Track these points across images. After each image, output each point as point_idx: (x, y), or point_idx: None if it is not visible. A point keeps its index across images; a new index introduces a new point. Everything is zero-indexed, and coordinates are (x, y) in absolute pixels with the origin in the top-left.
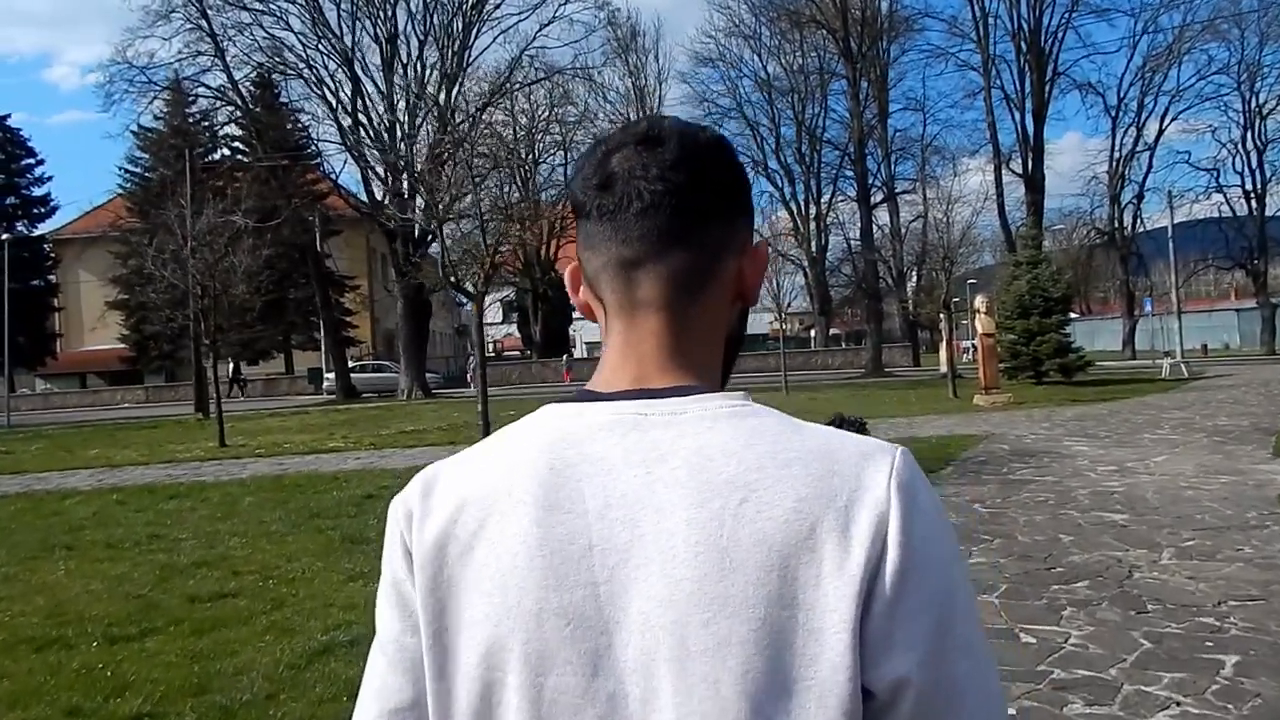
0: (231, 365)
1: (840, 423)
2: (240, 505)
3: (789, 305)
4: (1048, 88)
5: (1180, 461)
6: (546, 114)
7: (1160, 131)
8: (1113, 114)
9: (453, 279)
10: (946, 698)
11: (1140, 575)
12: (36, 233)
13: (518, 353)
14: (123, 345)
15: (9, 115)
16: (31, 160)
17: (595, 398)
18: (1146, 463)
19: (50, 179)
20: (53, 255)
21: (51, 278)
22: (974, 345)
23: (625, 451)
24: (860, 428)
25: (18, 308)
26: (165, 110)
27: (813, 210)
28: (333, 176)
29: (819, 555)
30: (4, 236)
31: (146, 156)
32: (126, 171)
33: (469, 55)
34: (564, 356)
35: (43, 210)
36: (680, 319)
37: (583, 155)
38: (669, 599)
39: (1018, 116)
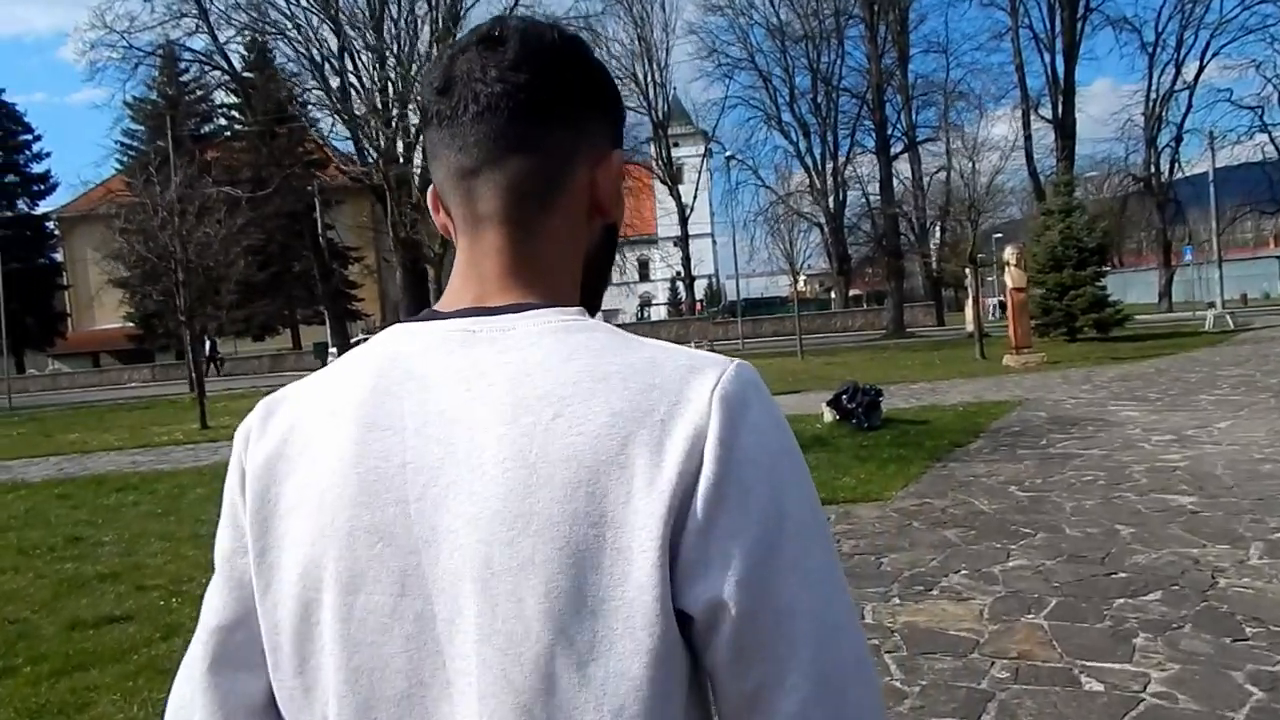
0: (208, 343)
1: (854, 392)
2: (186, 499)
3: (807, 266)
4: (1079, 25)
5: (1249, 427)
6: None
7: (1201, 68)
8: (1150, 51)
9: (403, 235)
10: (773, 622)
11: (1226, 582)
12: (39, 210)
13: None
14: (130, 323)
15: (3, 90)
16: (29, 136)
17: (437, 317)
18: (1209, 430)
19: (49, 154)
20: (57, 233)
21: (56, 256)
22: (1000, 302)
23: (448, 369)
24: (875, 401)
25: (23, 287)
26: (160, 80)
27: (829, 165)
28: (324, 139)
29: (630, 472)
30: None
31: (142, 129)
32: (123, 145)
33: (461, 7)
34: None
35: (43, 187)
36: (523, 233)
37: (432, 61)
38: (476, 517)
39: (1047, 58)
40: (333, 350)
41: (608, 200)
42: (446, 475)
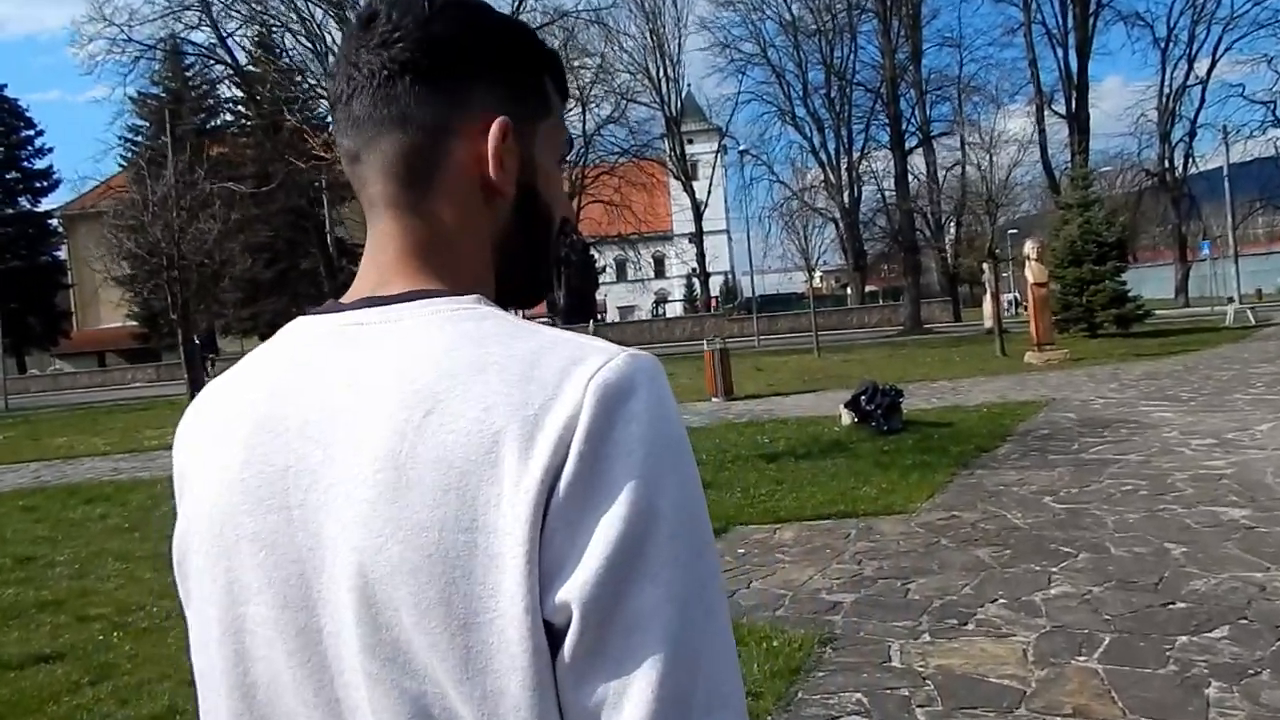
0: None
1: (873, 393)
2: (158, 511)
3: (822, 262)
4: (1092, 20)
5: None
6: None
7: (1213, 63)
8: (1162, 46)
9: (343, 230)
10: (621, 634)
11: None
12: (41, 208)
13: (546, 320)
14: (133, 322)
15: (5, 85)
16: (31, 131)
17: (335, 309)
18: (1251, 433)
19: (51, 150)
20: (60, 230)
21: (60, 253)
22: (1016, 297)
23: (334, 364)
24: (895, 403)
25: (26, 285)
26: (164, 74)
27: (844, 160)
28: (330, 134)
29: (500, 471)
30: (8, 211)
31: (147, 124)
32: (127, 140)
33: None
34: (591, 322)
35: (45, 184)
36: (410, 217)
37: None
38: (351, 522)
39: (1060, 53)
40: None
41: (498, 175)
42: (326, 479)
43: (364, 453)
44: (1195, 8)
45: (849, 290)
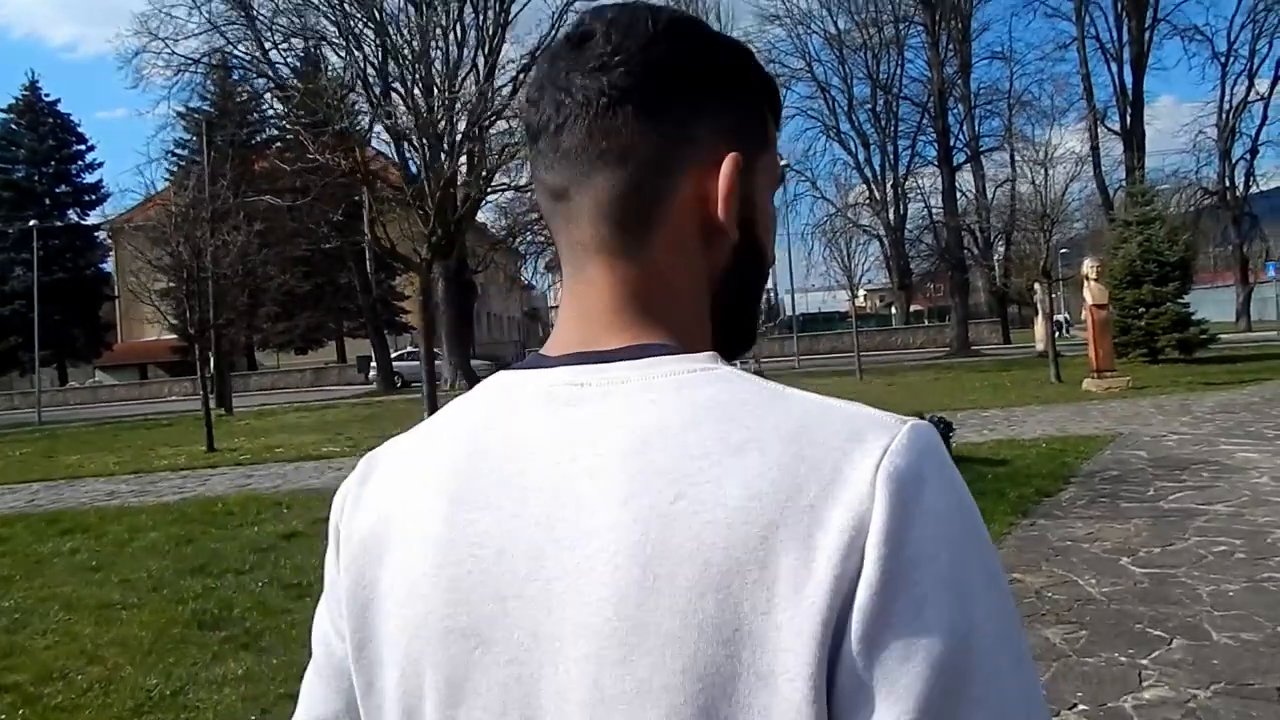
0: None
1: None
2: (133, 545)
3: (866, 281)
4: (1148, 34)
5: None
6: None
7: (1276, 79)
8: (1222, 61)
9: (385, 243)
10: None
11: None
12: (89, 220)
13: None
14: (172, 335)
15: (59, 100)
16: (82, 146)
17: (542, 364)
18: None
19: (101, 165)
20: (107, 243)
21: (105, 266)
22: (1066, 318)
23: (551, 433)
24: (944, 437)
25: (71, 297)
26: (211, 90)
27: (889, 177)
28: (365, 147)
29: (771, 573)
30: (56, 224)
31: (192, 138)
32: (175, 155)
33: (506, 16)
34: None
35: (94, 197)
36: (625, 261)
37: None
38: (583, 625)
39: (1114, 68)
40: (374, 366)
41: (725, 216)
42: (549, 569)
43: (596, 542)
44: (1256, 22)
45: (894, 309)
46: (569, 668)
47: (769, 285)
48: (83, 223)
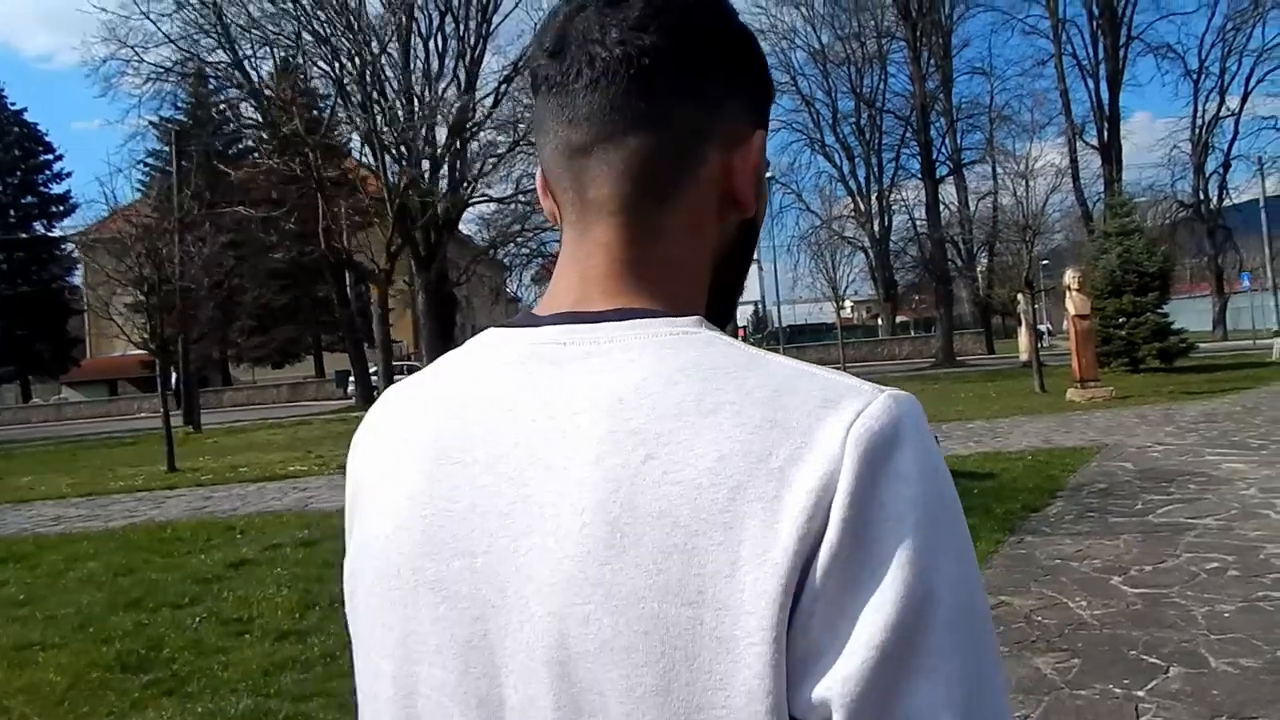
0: (175, 375)
1: None
2: (68, 577)
3: (852, 292)
4: (1122, 52)
5: None
6: None
7: (1246, 95)
8: (1194, 78)
9: (344, 253)
10: None
11: None
12: (56, 233)
13: None
14: (141, 351)
15: (25, 109)
16: (49, 156)
17: (531, 322)
18: None
19: (69, 175)
20: (75, 256)
21: (73, 279)
22: (1049, 329)
23: (531, 390)
24: None
25: (35, 312)
26: (185, 99)
27: (874, 189)
28: (353, 154)
29: (737, 534)
30: (20, 235)
31: (167, 149)
32: (148, 165)
33: (488, 27)
34: None
35: (61, 209)
36: (639, 227)
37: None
38: (549, 582)
39: (1091, 84)
40: (353, 381)
41: (745, 191)
42: (518, 523)
43: (567, 499)
44: (1225, 41)
45: (880, 320)
46: (534, 625)
47: (757, 297)
48: (49, 234)
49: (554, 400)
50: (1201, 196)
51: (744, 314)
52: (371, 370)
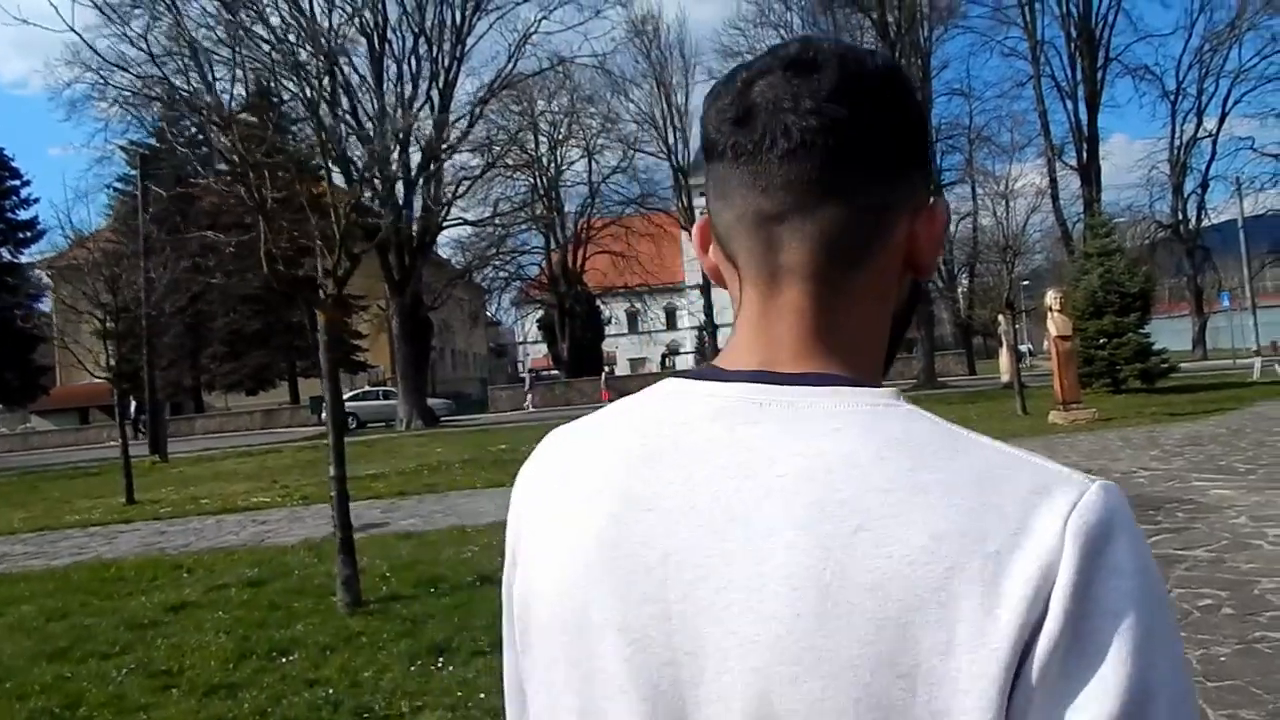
0: (134, 403)
1: None
2: None
3: None
4: (1100, 74)
5: None
6: (566, 120)
7: (1223, 116)
8: (1171, 99)
9: (287, 278)
10: None
11: None
12: (23, 259)
13: (555, 373)
14: (102, 378)
15: None
16: (16, 182)
17: (717, 376)
18: None
19: (37, 201)
20: (45, 282)
21: (42, 305)
22: (1029, 349)
23: (726, 446)
24: None
25: (1, 340)
26: (153, 123)
27: None
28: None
29: (952, 614)
30: None
31: (136, 174)
32: (118, 190)
33: (462, 49)
34: (602, 374)
35: (29, 235)
36: (831, 292)
37: (718, 83)
38: (752, 639)
39: (1070, 106)
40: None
41: (928, 256)
42: (717, 578)
43: (772, 560)
44: (1202, 62)
45: None
46: (734, 679)
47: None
48: (15, 261)
49: (753, 459)
50: (1180, 217)
51: (723, 336)
52: (350, 395)
